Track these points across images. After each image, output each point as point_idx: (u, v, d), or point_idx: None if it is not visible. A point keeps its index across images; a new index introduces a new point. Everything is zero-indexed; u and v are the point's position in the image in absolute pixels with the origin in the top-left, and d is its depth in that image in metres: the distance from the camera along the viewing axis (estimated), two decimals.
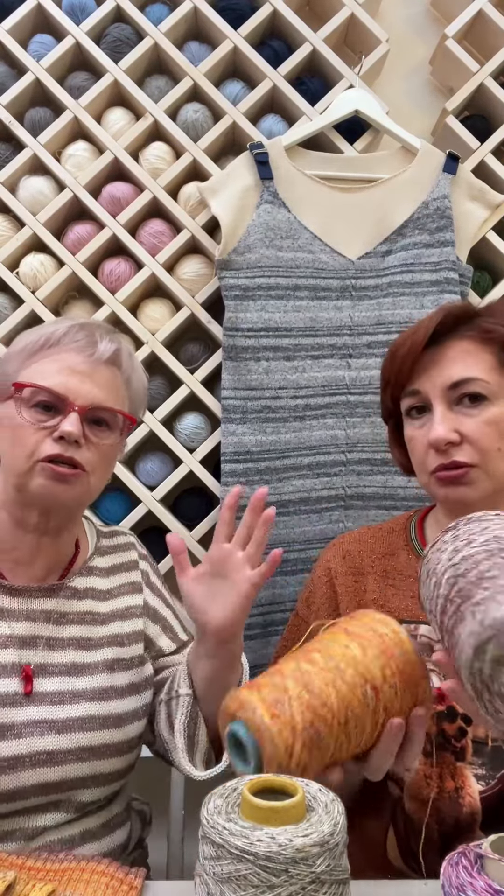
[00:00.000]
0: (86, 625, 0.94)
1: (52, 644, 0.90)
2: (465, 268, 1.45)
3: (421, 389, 0.89)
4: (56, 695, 0.87)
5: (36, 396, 0.87)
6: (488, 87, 1.49)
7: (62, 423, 0.86)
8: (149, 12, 1.50)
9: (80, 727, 0.86)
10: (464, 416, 0.86)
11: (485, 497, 0.87)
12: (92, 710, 0.88)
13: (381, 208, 1.44)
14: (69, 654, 0.90)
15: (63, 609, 0.93)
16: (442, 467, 0.86)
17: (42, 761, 0.84)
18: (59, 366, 0.88)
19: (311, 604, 1.01)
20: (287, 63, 1.49)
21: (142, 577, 1.04)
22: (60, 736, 0.85)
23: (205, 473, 1.45)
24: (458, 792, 0.84)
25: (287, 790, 0.58)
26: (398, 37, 1.60)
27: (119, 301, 1.45)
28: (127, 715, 0.91)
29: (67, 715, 0.86)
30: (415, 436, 0.91)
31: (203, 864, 0.55)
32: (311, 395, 1.41)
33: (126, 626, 0.98)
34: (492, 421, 0.86)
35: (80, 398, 0.87)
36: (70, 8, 1.49)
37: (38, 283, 1.45)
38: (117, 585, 1.01)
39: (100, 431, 0.90)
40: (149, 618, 1.02)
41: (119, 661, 0.94)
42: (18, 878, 0.70)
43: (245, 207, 1.42)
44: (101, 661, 0.92)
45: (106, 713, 0.89)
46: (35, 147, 1.46)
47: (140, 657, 0.97)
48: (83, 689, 0.89)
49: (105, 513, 1.46)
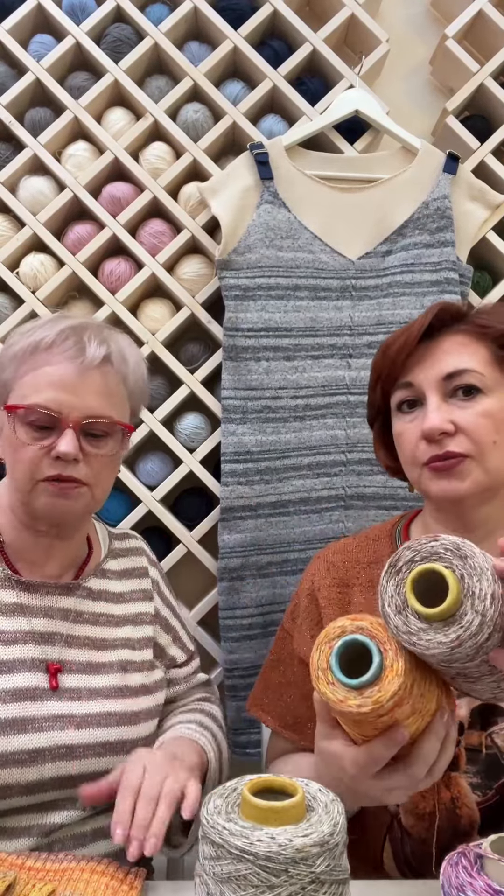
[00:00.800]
0: (100, 626, 0.95)
1: (70, 641, 0.91)
2: (466, 268, 1.45)
3: (414, 381, 0.88)
4: (74, 691, 0.89)
5: (30, 416, 0.86)
6: (488, 87, 1.49)
7: (59, 443, 0.85)
8: (149, 12, 1.50)
9: (99, 723, 0.88)
10: (458, 408, 0.85)
11: (477, 492, 0.84)
12: (109, 707, 0.89)
13: (382, 208, 1.44)
14: (85, 653, 0.92)
15: (79, 608, 0.94)
16: (435, 458, 0.84)
17: (62, 755, 0.85)
18: (48, 378, 0.87)
19: (295, 617, 1.00)
20: (287, 63, 1.49)
21: (152, 586, 1.06)
22: (80, 731, 0.86)
23: (205, 473, 1.45)
24: (455, 802, 0.84)
25: (287, 790, 0.58)
26: (398, 37, 1.60)
27: (119, 301, 1.45)
28: (142, 713, 0.93)
29: (87, 710, 0.88)
30: (406, 429, 0.88)
31: (203, 864, 0.55)
32: (311, 395, 1.41)
33: (137, 632, 0.99)
34: (486, 413, 0.84)
35: (75, 411, 0.86)
36: (70, 8, 1.49)
37: (38, 283, 1.45)
38: (129, 590, 1.02)
39: (97, 442, 0.89)
40: (160, 626, 1.04)
41: (131, 662, 0.96)
42: (18, 878, 0.71)
43: (245, 207, 1.42)
44: (115, 661, 0.94)
45: (122, 710, 0.90)
46: (35, 147, 1.46)
47: (150, 662, 0.99)
48: (99, 687, 0.90)
49: (105, 513, 1.46)
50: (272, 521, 1.39)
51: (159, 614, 1.04)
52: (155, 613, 1.03)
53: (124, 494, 1.48)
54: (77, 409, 0.87)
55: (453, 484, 0.84)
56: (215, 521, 1.44)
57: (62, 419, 0.86)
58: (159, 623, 1.04)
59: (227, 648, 1.39)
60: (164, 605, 1.07)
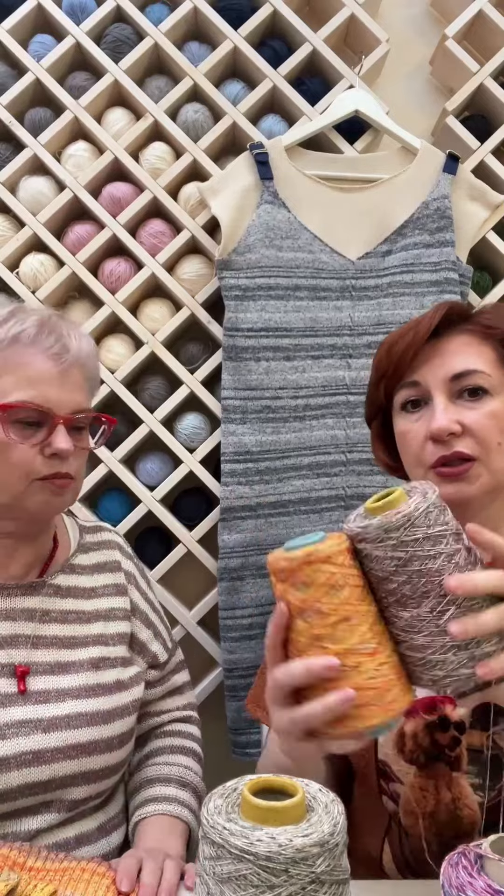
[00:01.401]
0: (69, 623, 0.93)
1: (37, 642, 0.89)
2: (466, 268, 1.45)
3: (421, 381, 0.87)
4: (41, 694, 0.86)
5: (18, 413, 0.84)
6: (488, 87, 1.49)
7: (53, 440, 0.85)
8: (149, 12, 1.50)
9: (68, 725, 0.86)
10: (465, 408, 0.84)
11: (483, 493, 0.84)
12: (78, 708, 0.87)
13: (382, 208, 1.44)
14: (52, 653, 0.90)
15: (46, 607, 0.92)
16: (442, 460, 0.84)
17: (28, 761, 0.83)
18: (34, 374, 0.85)
19: None
20: (287, 63, 1.49)
21: (126, 580, 1.03)
22: (47, 735, 0.84)
23: (205, 473, 1.45)
24: (456, 803, 0.83)
25: (287, 790, 0.58)
26: (398, 37, 1.60)
27: (119, 301, 1.45)
28: (116, 711, 0.91)
29: (53, 713, 0.86)
30: (410, 429, 0.88)
31: (203, 864, 0.55)
32: (311, 396, 1.41)
33: (110, 628, 0.97)
34: (493, 414, 0.84)
35: (62, 407, 0.86)
36: (70, 8, 1.49)
37: (38, 283, 1.45)
38: (101, 585, 0.99)
39: (79, 437, 0.89)
40: (140, 621, 1.01)
41: (104, 659, 0.93)
42: (20, 880, 0.70)
43: (245, 207, 1.42)
44: (85, 659, 0.92)
45: (93, 710, 0.88)
46: (35, 147, 1.46)
47: (125, 658, 0.96)
48: (68, 688, 0.88)
49: (105, 513, 1.47)
50: (272, 521, 1.39)
51: (137, 608, 1.01)
52: (132, 608, 1.00)
53: (124, 494, 1.48)
54: (64, 405, 0.86)
55: (461, 488, 0.84)
56: (215, 521, 1.44)
57: (53, 415, 0.85)
58: (138, 618, 1.01)
59: (227, 648, 1.39)
60: (143, 600, 1.04)
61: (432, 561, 0.59)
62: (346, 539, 0.62)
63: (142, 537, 1.49)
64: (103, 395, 1.44)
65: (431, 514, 0.60)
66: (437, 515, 0.60)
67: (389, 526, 0.59)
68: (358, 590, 0.60)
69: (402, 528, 0.59)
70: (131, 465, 1.49)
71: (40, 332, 0.87)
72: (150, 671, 1.02)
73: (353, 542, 0.62)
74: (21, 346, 0.86)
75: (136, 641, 1.00)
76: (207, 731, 1.14)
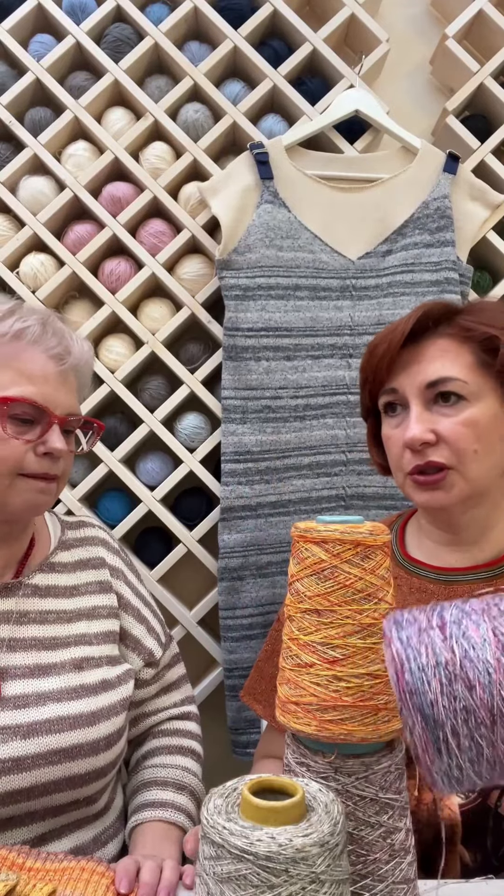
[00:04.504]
0: (49, 624, 0.91)
1: (13, 645, 0.87)
2: (466, 268, 1.45)
3: (398, 388, 0.87)
4: (20, 698, 0.84)
5: (17, 408, 0.84)
6: (488, 87, 1.49)
7: (49, 439, 0.84)
8: (149, 12, 1.50)
9: (49, 730, 0.83)
10: (441, 415, 0.84)
11: (461, 501, 0.85)
12: (60, 711, 0.85)
13: (382, 208, 1.44)
14: (31, 656, 0.87)
15: (23, 608, 0.89)
16: (418, 469, 0.85)
17: (7, 769, 0.80)
18: (33, 372, 0.85)
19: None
20: (287, 63, 1.49)
21: (111, 575, 1.01)
22: (26, 741, 0.81)
23: (205, 473, 1.45)
24: (437, 804, 0.83)
25: (287, 790, 0.58)
26: (398, 37, 1.60)
27: (119, 301, 1.45)
28: (101, 712, 0.88)
29: (33, 718, 0.83)
30: (392, 435, 0.89)
31: (203, 864, 0.55)
32: (311, 395, 1.41)
33: (94, 626, 0.95)
34: (469, 422, 0.83)
35: (59, 408, 0.86)
36: (70, 8, 1.49)
37: (38, 282, 1.45)
38: (84, 583, 0.97)
39: (68, 440, 0.89)
40: (131, 616, 1.00)
41: (88, 659, 0.91)
42: (19, 880, 0.70)
43: (245, 207, 1.42)
44: (67, 660, 0.89)
45: (76, 713, 0.85)
46: (35, 147, 1.46)
47: (111, 657, 0.94)
48: (49, 691, 0.85)
49: (105, 512, 1.47)
50: (272, 521, 1.39)
51: (128, 604, 1.00)
52: (119, 605, 0.99)
53: (124, 494, 1.48)
54: (60, 406, 0.86)
55: (436, 496, 0.85)
56: (215, 521, 1.44)
57: (50, 414, 0.85)
58: (130, 613, 0.99)
59: (227, 648, 1.39)
60: (133, 595, 1.02)
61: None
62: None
63: (142, 537, 1.49)
64: (103, 394, 1.44)
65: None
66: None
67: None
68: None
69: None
70: (131, 465, 1.49)
71: (44, 331, 0.87)
72: (146, 669, 1.00)
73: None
74: (24, 343, 0.86)
75: (129, 638, 0.98)
76: (207, 731, 1.14)
